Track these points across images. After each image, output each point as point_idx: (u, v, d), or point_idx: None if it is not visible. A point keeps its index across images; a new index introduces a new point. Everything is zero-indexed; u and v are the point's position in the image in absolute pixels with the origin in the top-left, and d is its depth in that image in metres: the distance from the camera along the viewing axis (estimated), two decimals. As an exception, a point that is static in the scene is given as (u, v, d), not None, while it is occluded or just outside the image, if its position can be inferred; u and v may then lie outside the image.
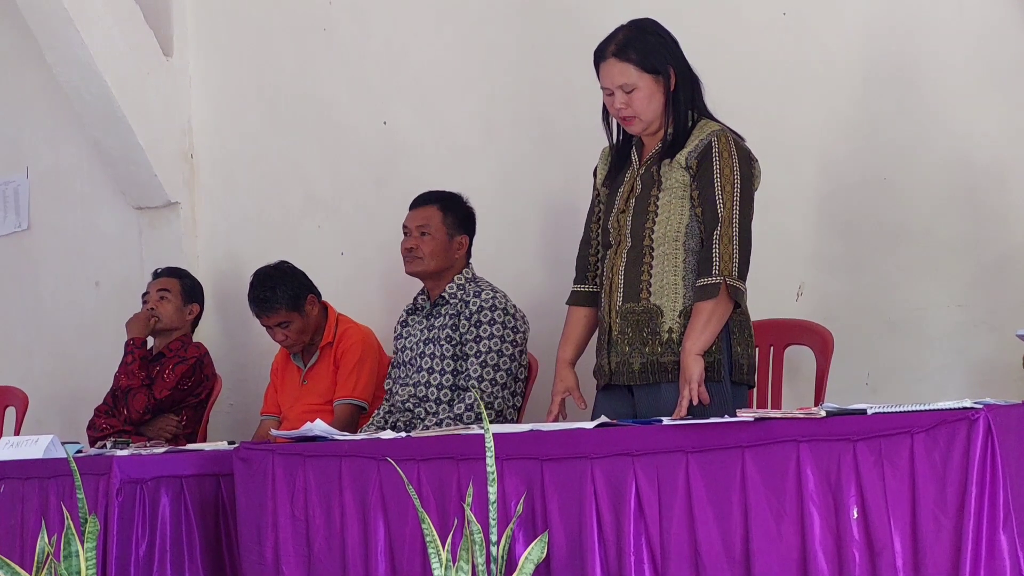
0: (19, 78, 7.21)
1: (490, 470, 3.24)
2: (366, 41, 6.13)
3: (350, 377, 5.55)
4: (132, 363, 6.00)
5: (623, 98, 4.07)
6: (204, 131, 6.66)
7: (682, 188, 4.05)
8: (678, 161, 4.06)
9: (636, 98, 4.07)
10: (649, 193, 4.09)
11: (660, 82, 4.07)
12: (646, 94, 4.07)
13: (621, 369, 4.10)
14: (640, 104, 4.07)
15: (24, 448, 4.75)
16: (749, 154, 4.09)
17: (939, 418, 2.94)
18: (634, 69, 4.06)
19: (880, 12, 4.79)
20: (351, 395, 5.52)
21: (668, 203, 4.06)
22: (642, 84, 4.06)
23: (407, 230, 5.17)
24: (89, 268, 7.03)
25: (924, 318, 4.67)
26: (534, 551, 3.28)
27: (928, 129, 4.69)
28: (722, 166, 4.00)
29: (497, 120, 5.74)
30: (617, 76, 4.07)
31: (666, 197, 4.07)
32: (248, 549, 4.20)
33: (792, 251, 4.93)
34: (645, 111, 4.08)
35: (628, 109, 4.08)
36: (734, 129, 4.12)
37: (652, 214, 4.08)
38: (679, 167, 4.05)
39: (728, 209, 3.98)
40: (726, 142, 4.03)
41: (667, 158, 4.08)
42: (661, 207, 4.07)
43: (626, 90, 4.07)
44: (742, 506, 3.19)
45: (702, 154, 4.02)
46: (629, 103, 4.07)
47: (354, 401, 5.51)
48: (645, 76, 4.06)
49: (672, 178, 4.06)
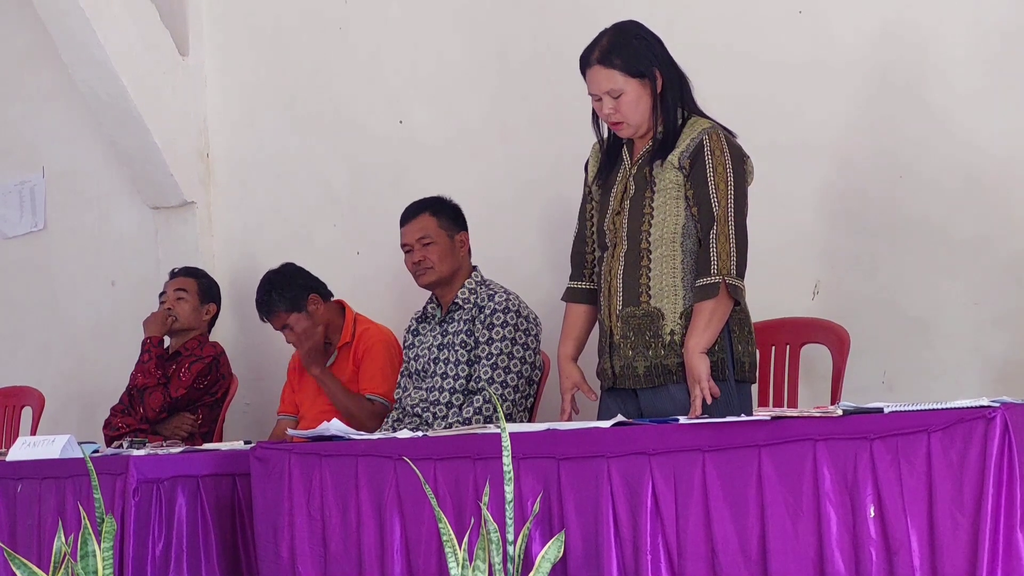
0: (36, 78, 7.23)
1: (507, 469, 3.24)
2: (382, 40, 6.13)
3: (377, 372, 5.52)
4: (148, 362, 6.01)
5: (611, 104, 4.08)
6: (220, 130, 6.67)
7: (676, 189, 4.05)
8: (670, 161, 4.06)
9: (623, 103, 4.07)
10: (643, 195, 4.09)
11: (647, 85, 4.08)
12: (633, 98, 4.07)
13: (626, 373, 4.10)
14: (628, 109, 4.07)
15: (41, 448, 4.76)
16: (741, 151, 4.09)
17: (956, 417, 2.94)
18: (619, 75, 4.06)
19: (896, 10, 4.78)
20: (379, 391, 5.50)
21: (663, 204, 4.06)
22: (628, 89, 4.07)
23: (408, 246, 5.16)
24: (105, 267, 7.05)
25: (941, 316, 4.66)
26: (551, 550, 3.27)
27: (944, 127, 4.68)
28: (715, 164, 4.00)
29: (512, 120, 5.74)
30: (603, 82, 4.08)
31: (660, 199, 4.07)
32: (264, 548, 4.21)
33: (808, 249, 4.92)
34: (633, 115, 4.08)
35: (617, 114, 4.09)
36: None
37: (648, 216, 4.08)
38: (672, 167, 4.05)
39: (723, 207, 3.98)
40: (718, 140, 4.03)
41: (659, 159, 4.08)
42: (656, 209, 4.07)
43: (613, 96, 4.08)
44: (759, 505, 3.18)
45: (694, 153, 4.02)
46: (617, 108, 4.08)
47: (381, 399, 5.48)
48: (631, 81, 4.07)
49: (665, 179, 4.06)
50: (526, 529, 3.34)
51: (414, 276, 5.17)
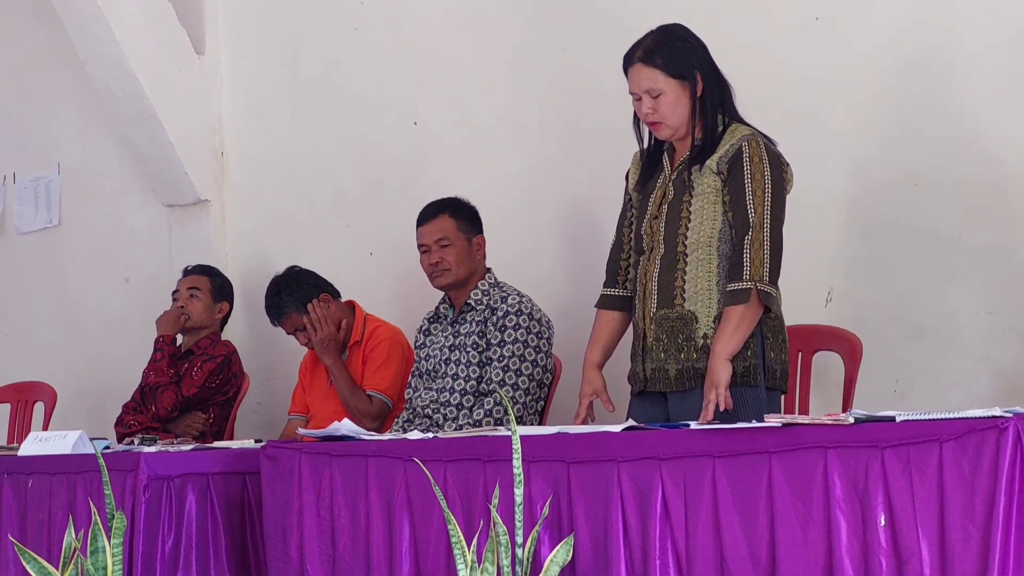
0: (51, 75, 7.25)
1: (517, 472, 3.24)
2: (396, 41, 6.14)
3: (380, 370, 5.54)
4: (161, 360, 6.02)
5: (650, 103, 4.09)
6: (234, 129, 6.68)
7: (714, 193, 4.05)
8: (709, 166, 4.06)
9: (662, 103, 4.08)
10: (681, 199, 4.10)
11: (686, 87, 4.08)
12: (672, 99, 4.08)
13: (657, 375, 4.10)
14: (666, 109, 4.08)
15: (52, 443, 4.76)
16: (780, 158, 4.09)
17: (968, 426, 2.93)
18: (660, 74, 4.07)
19: (912, 17, 4.78)
20: (381, 389, 5.50)
21: (700, 208, 4.07)
22: (668, 89, 4.07)
23: (425, 247, 5.15)
24: (119, 265, 7.06)
25: (954, 325, 4.66)
26: (559, 553, 3.27)
27: (959, 134, 4.67)
28: (753, 171, 4.01)
29: (525, 122, 5.74)
30: (644, 81, 4.09)
31: (698, 203, 4.07)
32: (273, 547, 4.21)
33: (822, 256, 4.91)
34: (671, 116, 4.09)
35: (655, 114, 4.10)
36: (765, 133, 4.12)
37: (685, 220, 4.08)
38: (710, 172, 4.06)
39: (759, 214, 3.98)
40: (757, 146, 4.03)
41: (697, 163, 4.08)
42: (694, 213, 4.07)
43: (652, 95, 4.08)
44: (768, 511, 3.18)
45: (733, 159, 4.03)
46: (656, 108, 4.09)
47: (381, 396, 5.49)
48: (671, 81, 4.07)
49: (703, 183, 4.07)
50: (535, 532, 3.34)
51: (429, 277, 5.16)
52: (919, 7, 4.77)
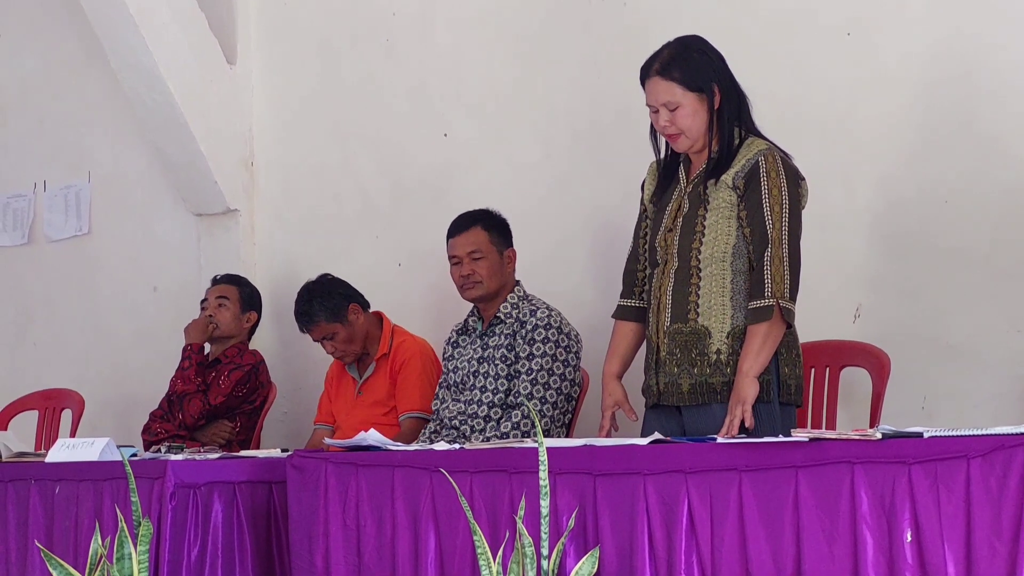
0: (83, 83, 7.28)
1: (543, 484, 3.24)
2: (428, 53, 6.15)
3: (413, 390, 5.54)
4: (188, 368, 6.04)
5: (667, 115, 4.09)
6: (265, 139, 6.70)
7: (729, 208, 4.05)
8: (724, 181, 4.06)
9: (680, 115, 4.08)
10: (696, 213, 4.10)
11: (704, 100, 4.08)
12: (689, 112, 4.08)
13: (670, 389, 4.10)
14: (684, 122, 4.08)
15: (80, 450, 4.78)
16: (796, 173, 4.09)
17: (996, 443, 2.92)
18: (677, 87, 4.07)
19: (944, 34, 4.77)
20: (417, 408, 5.51)
21: (715, 223, 4.06)
22: (685, 102, 4.07)
23: (457, 258, 5.15)
24: (148, 273, 7.08)
25: (982, 343, 4.64)
26: (585, 566, 3.27)
27: (989, 152, 4.66)
28: (770, 186, 4.00)
29: (555, 136, 5.75)
30: (661, 94, 4.09)
31: (713, 217, 4.07)
32: (299, 556, 4.21)
33: (850, 272, 4.91)
34: (689, 128, 4.09)
35: (672, 127, 4.10)
36: (787, 148, 4.11)
37: (699, 234, 4.08)
38: (726, 187, 4.05)
39: (777, 230, 3.98)
40: (773, 161, 4.02)
41: (713, 177, 4.08)
42: (708, 227, 4.07)
43: (670, 108, 4.08)
44: (794, 526, 3.17)
45: (749, 174, 4.03)
46: (673, 120, 4.09)
47: (420, 415, 5.49)
48: (688, 94, 4.08)
49: (719, 198, 4.06)
50: (561, 544, 3.34)
51: (459, 289, 5.16)
52: (951, 25, 4.76)
